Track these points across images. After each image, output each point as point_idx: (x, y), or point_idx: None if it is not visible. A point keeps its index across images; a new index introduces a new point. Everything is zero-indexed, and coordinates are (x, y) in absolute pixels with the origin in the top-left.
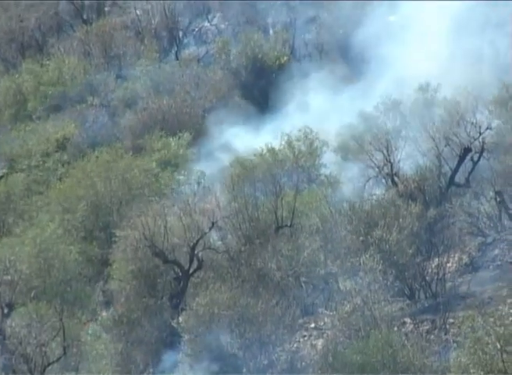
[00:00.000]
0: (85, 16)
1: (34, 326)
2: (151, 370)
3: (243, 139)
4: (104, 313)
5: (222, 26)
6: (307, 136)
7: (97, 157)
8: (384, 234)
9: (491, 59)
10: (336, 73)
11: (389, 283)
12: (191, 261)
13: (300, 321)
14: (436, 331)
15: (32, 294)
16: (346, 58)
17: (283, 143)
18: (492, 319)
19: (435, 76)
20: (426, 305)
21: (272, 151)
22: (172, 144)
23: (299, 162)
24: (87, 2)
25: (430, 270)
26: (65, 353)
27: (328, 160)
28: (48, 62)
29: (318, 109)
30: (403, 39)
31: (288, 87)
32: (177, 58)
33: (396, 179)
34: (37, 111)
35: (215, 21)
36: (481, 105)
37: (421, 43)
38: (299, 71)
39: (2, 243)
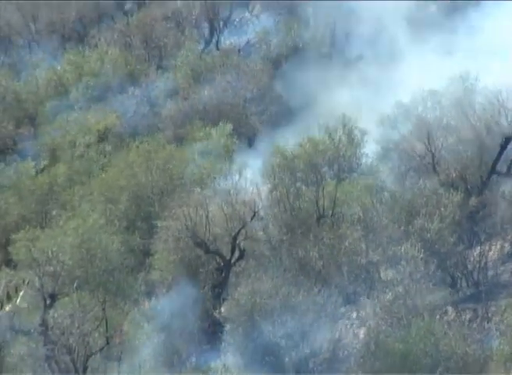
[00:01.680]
0: (126, 8)
1: (77, 317)
2: (194, 360)
3: (284, 129)
4: (146, 303)
5: (263, 16)
6: (346, 126)
7: (138, 147)
8: (425, 223)
9: None
10: (375, 63)
11: (430, 272)
12: (233, 251)
13: (342, 310)
14: (478, 320)
15: (75, 285)
16: (386, 49)
17: (323, 133)
18: None
19: (475, 65)
20: (468, 293)
21: (312, 141)
22: (214, 134)
23: (340, 151)
24: None
25: (472, 259)
26: (107, 343)
27: (369, 150)
28: (89, 54)
29: (358, 100)
30: (442, 27)
31: (328, 77)
32: (218, 49)
33: (437, 168)
34: (78, 102)
35: (255, 11)
36: None
37: (461, 32)
38: (339, 61)
39: (45, 234)
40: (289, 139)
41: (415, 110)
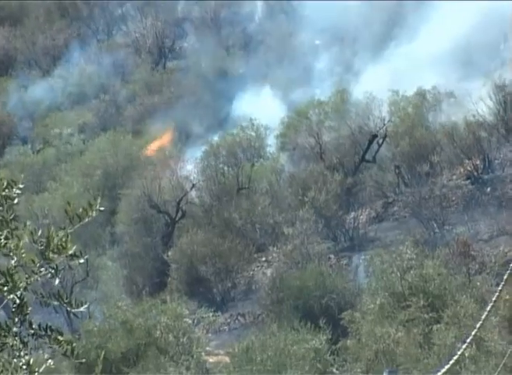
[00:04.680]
0: (98, 37)
1: None
2: (147, 289)
3: (213, 128)
4: (111, 250)
5: (196, 45)
6: (253, 125)
7: (107, 137)
8: (315, 195)
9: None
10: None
11: (319, 229)
12: (177, 212)
13: (255, 256)
14: (353, 264)
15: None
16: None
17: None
18: (394, 255)
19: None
20: (345, 246)
21: (230, 135)
22: (160, 128)
23: (250, 143)
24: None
25: (348, 221)
26: (87, 275)
27: (272, 142)
28: (73, 70)
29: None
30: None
31: (242, 90)
32: (164, 68)
33: (323, 156)
34: (65, 102)
35: (191, 42)
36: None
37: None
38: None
39: (40, 198)
40: (218, 135)
41: (306, 114)
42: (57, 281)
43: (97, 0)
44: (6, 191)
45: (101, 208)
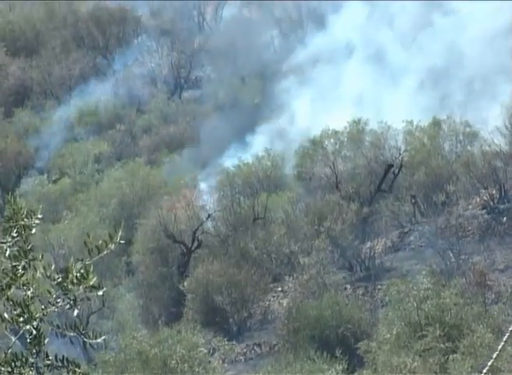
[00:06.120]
0: (114, 67)
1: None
2: (163, 319)
3: (225, 154)
4: (126, 279)
5: (212, 75)
6: (270, 156)
7: (122, 167)
8: (331, 225)
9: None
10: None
11: (335, 259)
12: (193, 241)
13: (271, 286)
14: (369, 294)
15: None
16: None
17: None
18: (410, 285)
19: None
20: (361, 275)
21: (246, 165)
22: (177, 158)
23: (266, 173)
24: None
25: (364, 251)
26: (103, 305)
27: (288, 172)
28: (89, 100)
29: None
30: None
31: (258, 120)
32: (180, 98)
33: (339, 186)
34: (80, 133)
35: (207, 72)
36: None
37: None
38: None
39: (56, 228)
40: (231, 161)
41: (322, 144)
42: (75, 312)
43: (113, 30)
44: (26, 220)
45: (121, 241)
